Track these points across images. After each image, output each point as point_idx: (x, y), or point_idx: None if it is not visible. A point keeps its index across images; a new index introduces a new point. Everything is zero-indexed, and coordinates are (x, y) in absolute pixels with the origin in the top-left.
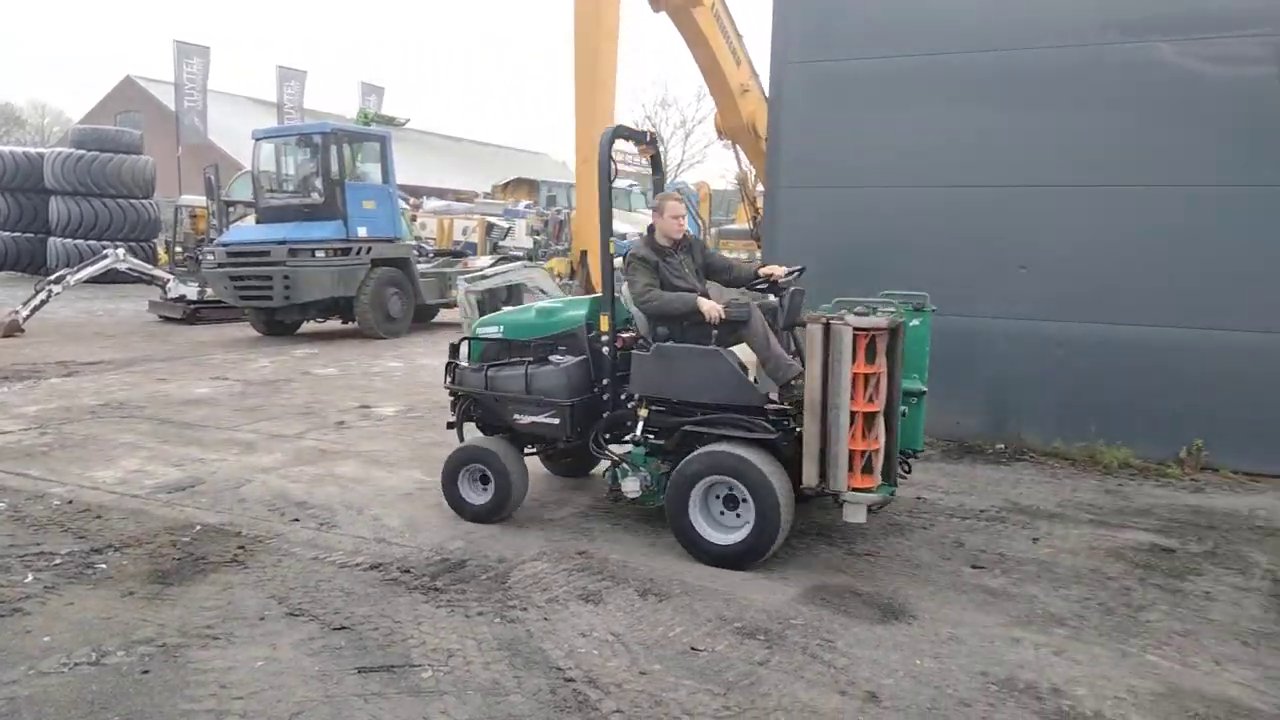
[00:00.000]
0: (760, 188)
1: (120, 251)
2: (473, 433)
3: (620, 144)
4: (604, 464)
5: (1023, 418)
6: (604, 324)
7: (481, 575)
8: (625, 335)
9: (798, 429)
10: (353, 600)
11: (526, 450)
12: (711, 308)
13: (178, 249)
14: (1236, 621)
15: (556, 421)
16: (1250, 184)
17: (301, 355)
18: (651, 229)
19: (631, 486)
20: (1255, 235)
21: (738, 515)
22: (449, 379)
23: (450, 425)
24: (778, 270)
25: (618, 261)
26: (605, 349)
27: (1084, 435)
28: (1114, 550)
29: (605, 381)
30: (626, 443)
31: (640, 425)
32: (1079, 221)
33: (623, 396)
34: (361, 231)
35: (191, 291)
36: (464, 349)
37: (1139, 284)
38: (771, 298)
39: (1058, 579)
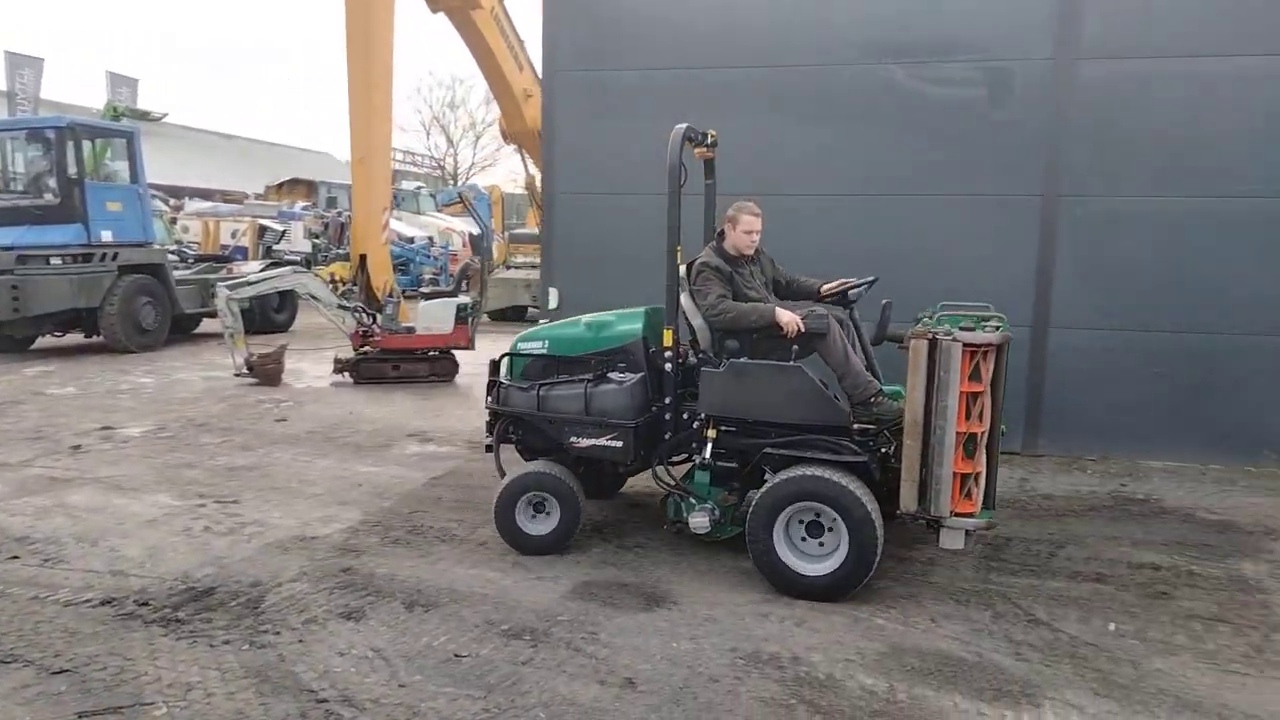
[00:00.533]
0: None
1: None
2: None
3: (402, 140)
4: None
5: None
6: (667, 338)
7: (231, 602)
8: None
9: (882, 449)
10: (77, 640)
11: None
12: (791, 319)
13: None
14: (952, 582)
15: (620, 444)
16: (966, 193)
17: (34, 374)
18: (721, 236)
19: (700, 522)
20: (971, 239)
21: (820, 544)
22: (490, 399)
23: (488, 449)
24: (830, 286)
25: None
26: (668, 365)
27: None
28: None
29: (667, 400)
30: (686, 464)
31: (709, 448)
32: (824, 227)
33: (685, 416)
34: (106, 235)
35: None
36: (504, 366)
37: (878, 284)
38: (841, 310)
39: None
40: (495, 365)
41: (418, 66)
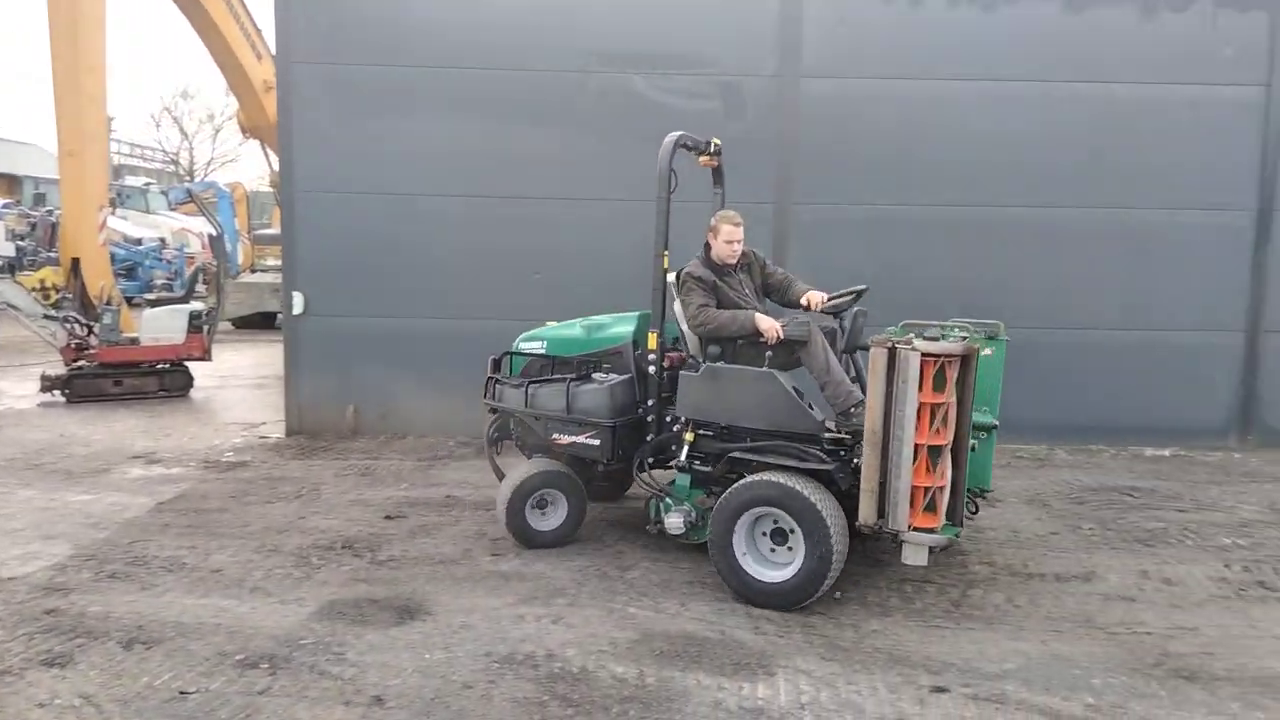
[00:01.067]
0: None
1: None
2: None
3: (127, 131)
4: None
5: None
6: (651, 341)
7: None
8: (672, 354)
9: (856, 460)
10: None
11: None
12: (771, 326)
13: None
14: (699, 565)
15: (597, 443)
16: (707, 200)
17: None
18: (707, 246)
19: (675, 523)
20: None
21: (789, 549)
22: (487, 394)
23: (489, 443)
24: (814, 297)
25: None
26: (651, 368)
27: None
28: (615, 520)
29: (650, 402)
30: (669, 468)
31: (685, 450)
32: (582, 230)
33: (668, 419)
34: None
35: None
36: (505, 364)
37: (634, 285)
38: (830, 320)
39: (564, 553)
40: (496, 363)
41: (142, 50)
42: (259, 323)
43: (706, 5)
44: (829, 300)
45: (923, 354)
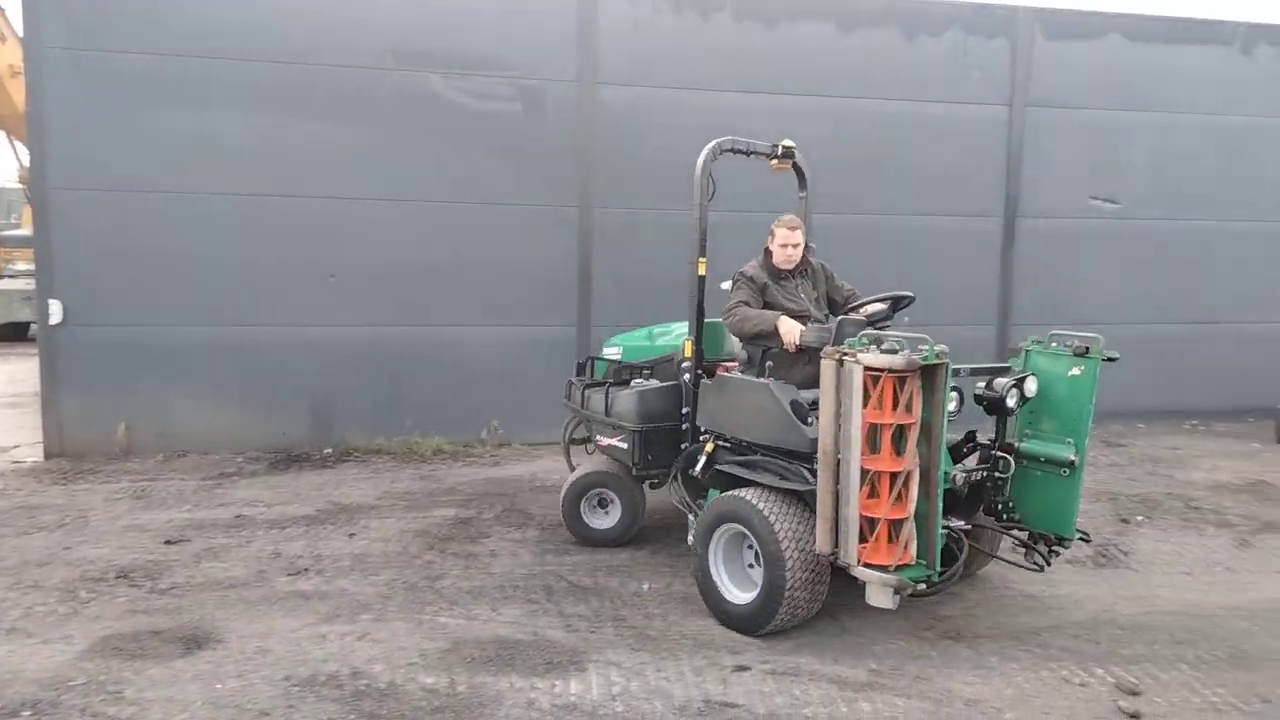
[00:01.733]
0: None
1: None
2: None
3: None
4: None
5: (346, 420)
6: (687, 349)
7: None
8: (727, 363)
9: None
10: None
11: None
12: (790, 330)
13: None
14: (512, 570)
15: (626, 446)
16: (517, 203)
17: None
18: (768, 250)
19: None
20: (523, 247)
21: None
22: (565, 396)
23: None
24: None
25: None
26: (686, 376)
27: (402, 430)
28: (422, 530)
29: (685, 410)
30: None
31: (703, 460)
32: (382, 232)
33: (699, 429)
34: None
35: None
36: (588, 368)
37: (437, 288)
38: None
39: (369, 568)
40: (580, 366)
41: None
42: (9, 334)
43: (506, 7)
44: (858, 306)
45: (865, 368)
